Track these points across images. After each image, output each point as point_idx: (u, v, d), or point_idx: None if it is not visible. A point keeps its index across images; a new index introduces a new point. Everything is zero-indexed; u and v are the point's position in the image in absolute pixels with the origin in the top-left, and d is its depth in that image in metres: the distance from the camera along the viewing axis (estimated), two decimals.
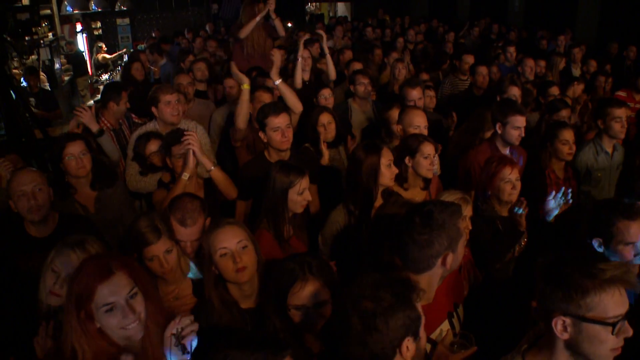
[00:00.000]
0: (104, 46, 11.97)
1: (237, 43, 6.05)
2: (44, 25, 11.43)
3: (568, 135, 3.77)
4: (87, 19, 14.37)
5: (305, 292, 1.96)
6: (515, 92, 4.60)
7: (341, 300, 1.64)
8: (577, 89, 5.59)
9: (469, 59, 6.29)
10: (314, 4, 21.58)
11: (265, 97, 4.32)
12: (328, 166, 4.12)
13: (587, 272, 1.51)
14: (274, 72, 4.08)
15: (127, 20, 15.38)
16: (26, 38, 5.59)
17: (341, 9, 19.35)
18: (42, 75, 8.68)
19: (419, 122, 3.72)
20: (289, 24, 13.83)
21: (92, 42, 14.37)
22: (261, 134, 3.47)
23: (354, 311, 1.57)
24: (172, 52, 9.35)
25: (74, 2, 8.83)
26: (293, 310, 1.96)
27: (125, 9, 13.16)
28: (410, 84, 4.66)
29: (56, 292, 2.23)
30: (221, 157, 4.56)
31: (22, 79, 7.50)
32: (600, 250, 2.25)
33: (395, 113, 4.11)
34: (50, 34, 11.63)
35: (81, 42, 13.48)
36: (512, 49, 7.36)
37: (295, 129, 4.21)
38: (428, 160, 3.26)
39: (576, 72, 7.20)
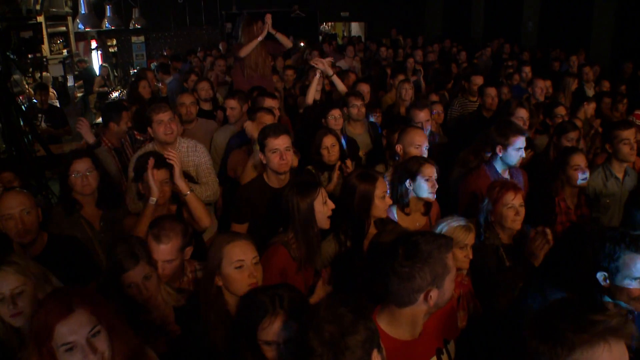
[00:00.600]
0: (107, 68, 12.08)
1: (237, 63, 5.98)
2: (58, 42, 11.62)
3: (580, 160, 3.61)
4: (103, 37, 14.60)
5: (274, 327, 1.85)
6: (522, 114, 4.48)
7: (302, 333, 1.55)
8: (588, 109, 5.44)
9: (478, 80, 6.17)
10: (329, 24, 21.73)
11: (267, 119, 4.24)
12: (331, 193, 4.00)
13: (576, 325, 1.37)
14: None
15: (142, 38, 15.60)
16: (29, 56, 5.58)
17: (355, 28, 19.40)
18: (52, 92, 8.74)
19: (419, 141, 3.64)
20: (302, 43, 13.88)
21: (107, 59, 14.58)
22: (260, 155, 3.39)
23: (318, 339, 1.49)
24: (184, 70, 9.42)
25: (85, 20, 8.87)
26: (264, 345, 1.86)
27: (139, 27, 13.29)
28: (418, 106, 4.59)
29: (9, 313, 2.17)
30: (222, 178, 4.50)
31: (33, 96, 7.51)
32: (605, 284, 2.09)
33: None
34: (64, 51, 11.80)
35: (95, 60, 13.69)
36: (527, 69, 7.23)
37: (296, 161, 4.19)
38: (429, 182, 3.16)
39: (590, 92, 7.05)
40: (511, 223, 2.97)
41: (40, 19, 10.24)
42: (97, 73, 12.26)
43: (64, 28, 11.69)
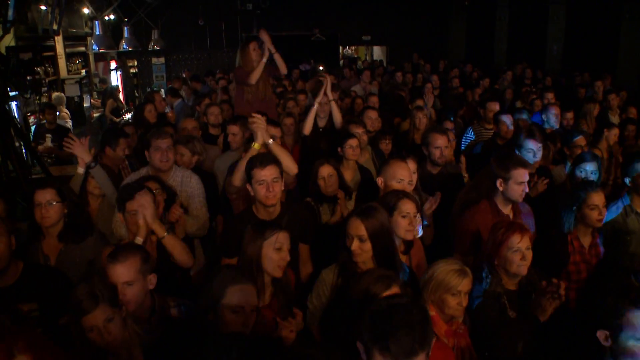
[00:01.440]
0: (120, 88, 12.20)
1: (238, 88, 5.86)
2: (77, 62, 11.79)
3: (597, 199, 3.35)
4: (123, 57, 14.83)
5: None
6: (532, 145, 4.23)
7: None
8: (610, 136, 5.17)
9: (494, 107, 5.97)
10: (352, 48, 21.78)
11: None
12: (332, 225, 3.83)
13: None
14: (260, 137, 3.69)
15: (162, 60, 15.80)
16: (28, 78, 5.60)
17: (377, 52, 19.38)
18: (65, 112, 8.80)
19: (402, 175, 3.43)
20: (320, 67, 13.88)
21: (127, 79, 14.79)
22: (248, 187, 3.25)
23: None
24: (203, 92, 9.45)
25: (100, 41, 8.98)
26: None
27: (158, 48, 13.45)
28: (438, 130, 4.44)
29: None
30: (224, 204, 4.34)
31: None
32: (607, 344, 1.85)
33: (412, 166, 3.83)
34: (83, 71, 11.96)
35: (115, 80, 13.86)
36: (550, 95, 7.01)
37: (291, 185, 4.11)
38: (407, 219, 2.95)
39: (615, 120, 6.76)
40: (517, 268, 2.73)
41: (58, 39, 10.39)
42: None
43: (82, 48, 11.85)
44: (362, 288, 2.17)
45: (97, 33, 9.05)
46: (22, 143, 5.35)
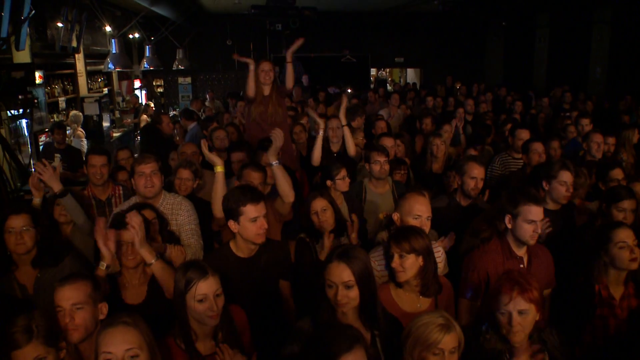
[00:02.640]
0: (152, 105, 12.19)
1: (247, 107, 5.66)
2: (99, 80, 11.89)
3: (626, 235, 2.96)
4: (149, 76, 14.98)
5: None
6: (566, 178, 3.83)
7: None
8: None
9: (523, 135, 5.56)
10: (386, 70, 21.60)
11: (254, 177, 3.91)
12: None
13: None
14: (272, 152, 3.65)
15: (188, 80, 15.90)
16: (19, 97, 5.57)
17: (411, 75, 19.10)
18: (80, 131, 8.78)
19: (419, 211, 3.12)
20: (349, 90, 13.69)
21: (151, 99, 14.91)
22: (231, 223, 3.00)
23: None
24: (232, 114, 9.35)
25: (116, 60, 8.99)
26: None
27: (182, 67, 13.52)
28: (478, 160, 4.15)
29: None
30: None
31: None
32: None
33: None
34: (105, 90, 12.06)
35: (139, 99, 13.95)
36: (585, 121, 6.55)
37: (288, 215, 3.92)
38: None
39: None
40: (507, 334, 2.35)
41: (79, 56, 10.49)
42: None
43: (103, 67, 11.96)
44: (321, 347, 1.86)
45: (114, 51, 9.04)
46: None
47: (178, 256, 3.32)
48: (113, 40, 8.93)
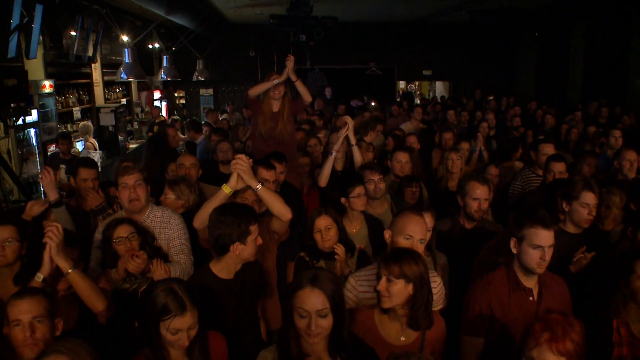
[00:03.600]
0: (161, 115, 12.18)
1: (253, 120, 5.50)
2: (117, 90, 11.94)
3: None
4: (170, 87, 15.03)
5: None
6: (589, 200, 3.51)
7: None
8: None
9: (548, 150, 5.23)
10: (415, 83, 21.34)
11: (249, 194, 3.74)
12: None
13: None
14: (250, 178, 3.35)
15: (210, 91, 15.92)
16: (12, 105, 5.52)
17: (439, 88, 18.79)
18: (91, 142, 8.75)
19: (412, 231, 2.86)
20: (373, 103, 13.48)
21: (172, 110, 14.94)
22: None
23: None
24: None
25: (129, 70, 8.96)
26: None
27: (202, 79, 13.52)
28: (479, 179, 3.88)
29: None
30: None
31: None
32: None
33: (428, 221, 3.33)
34: (123, 100, 12.10)
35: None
36: (617, 133, 6.19)
37: (284, 235, 3.79)
38: None
39: None
40: None
41: (96, 66, 10.54)
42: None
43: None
44: None
45: (127, 61, 9.02)
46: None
47: (161, 274, 3.15)
48: (126, 49, 8.91)
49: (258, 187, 3.34)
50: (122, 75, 9.04)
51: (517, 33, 15.45)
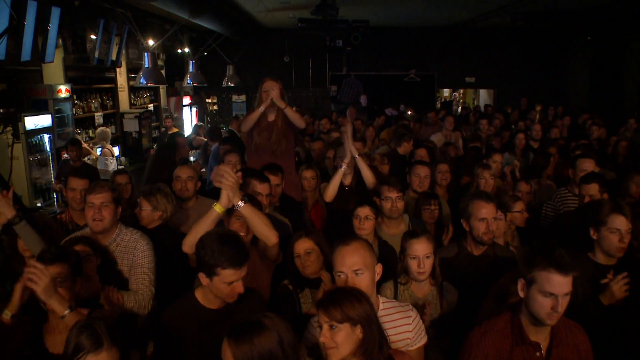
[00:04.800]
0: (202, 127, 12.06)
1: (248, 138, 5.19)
2: (144, 96, 11.92)
3: None
4: (202, 93, 14.97)
5: None
6: (619, 224, 3.08)
7: None
8: None
9: (587, 166, 4.76)
10: (459, 91, 20.78)
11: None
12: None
13: None
14: (234, 195, 3.04)
15: (243, 97, 15.79)
16: (1, 110, 5.39)
17: (484, 96, 18.15)
18: (108, 149, 8.66)
19: (342, 268, 2.51)
20: (409, 112, 13.05)
21: (202, 117, 14.87)
22: (202, 276, 2.57)
23: None
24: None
25: (148, 75, 8.85)
26: None
27: (232, 84, 13.38)
28: (483, 197, 3.50)
29: None
30: None
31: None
32: None
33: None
34: (151, 106, 12.07)
35: (188, 117, 13.94)
36: None
37: (277, 258, 3.46)
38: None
39: None
40: None
41: (121, 70, 10.53)
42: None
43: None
44: None
45: (146, 66, 8.91)
46: None
47: (114, 303, 2.89)
48: (146, 54, 8.81)
49: (241, 204, 3.04)
50: (141, 81, 8.94)
51: (567, 37, 14.71)
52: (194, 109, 14.31)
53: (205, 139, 8.44)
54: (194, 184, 4.63)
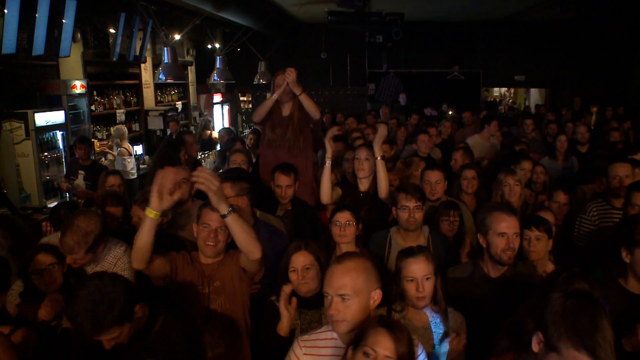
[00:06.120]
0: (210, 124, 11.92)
1: (263, 128, 5.00)
2: (172, 93, 11.83)
3: None
4: (235, 91, 14.82)
5: None
6: None
7: None
8: None
9: (622, 170, 4.31)
10: (510, 91, 20.04)
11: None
12: None
13: None
14: (219, 201, 2.77)
15: None
16: None
17: (535, 96, 17.37)
18: (126, 147, 8.54)
19: (327, 289, 2.24)
20: (450, 112, 12.57)
21: (235, 115, 14.74)
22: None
23: None
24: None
25: (168, 70, 8.69)
26: None
27: (264, 82, 13.15)
28: (504, 209, 3.08)
29: None
30: None
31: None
32: None
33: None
34: (179, 103, 11.97)
35: (219, 115, 13.81)
36: None
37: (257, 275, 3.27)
38: None
39: None
40: None
41: (146, 66, 10.44)
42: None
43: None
44: None
45: (165, 61, 8.75)
46: None
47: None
48: (165, 48, 8.65)
49: (227, 212, 2.75)
50: (160, 76, 8.80)
51: (630, 30, 13.80)
52: (226, 107, 14.16)
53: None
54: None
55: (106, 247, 3.25)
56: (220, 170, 5.55)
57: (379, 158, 4.29)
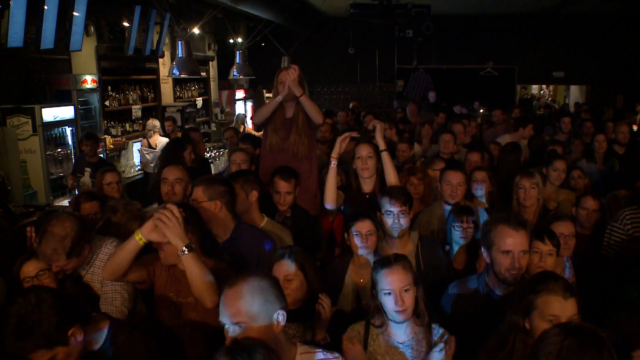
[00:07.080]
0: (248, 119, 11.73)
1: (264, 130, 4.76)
2: (192, 88, 11.74)
3: None
4: (260, 87, 14.66)
5: None
6: None
7: None
8: None
9: None
10: (549, 88, 19.47)
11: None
12: None
13: None
14: (176, 238, 2.62)
15: None
16: None
17: (575, 93, 16.78)
18: (153, 139, 8.42)
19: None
20: (481, 110, 12.14)
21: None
22: None
23: None
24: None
25: (182, 65, 8.54)
26: None
27: None
28: (511, 222, 2.73)
29: None
30: None
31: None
32: None
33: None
34: (199, 99, 11.87)
35: (242, 112, 13.66)
36: None
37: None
38: None
39: None
40: None
41: (164, 61, 10.35)
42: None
43: (202, 73, 11.75)
44: None
45: (179, 55, 8.62)
46: None
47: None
48: (179, 42, 8.52)
49: (184, 250, 2.59)
50: (174, 71, 8.66)
51: None
52: (249, 103, 14.01)
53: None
54: (183, 187, 4.21)
55: (93, 246, 3.12)
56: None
57: (384, 150, 4.11)
